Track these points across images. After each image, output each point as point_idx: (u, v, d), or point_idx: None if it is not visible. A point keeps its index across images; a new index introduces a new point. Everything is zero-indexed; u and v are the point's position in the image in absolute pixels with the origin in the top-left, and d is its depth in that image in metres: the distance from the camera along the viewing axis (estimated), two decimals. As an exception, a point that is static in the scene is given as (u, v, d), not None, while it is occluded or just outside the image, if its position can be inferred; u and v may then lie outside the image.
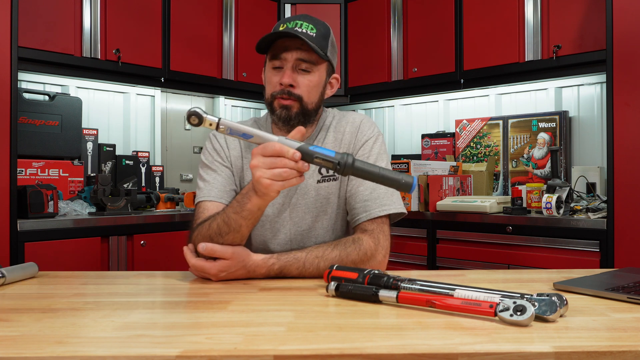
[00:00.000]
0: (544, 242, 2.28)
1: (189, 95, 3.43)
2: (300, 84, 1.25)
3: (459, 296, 0.83)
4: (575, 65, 2.54)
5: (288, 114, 1.25)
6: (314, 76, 1.27)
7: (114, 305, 0.88)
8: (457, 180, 2.79)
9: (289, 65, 1.24)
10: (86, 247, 2.27)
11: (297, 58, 1.24)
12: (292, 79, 1.24)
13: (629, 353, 0.65)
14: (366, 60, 3.35)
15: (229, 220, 1.07)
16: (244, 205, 1.04)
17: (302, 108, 1.26)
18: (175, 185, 3.32)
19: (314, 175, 1.31)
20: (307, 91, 1.26)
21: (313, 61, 1.25)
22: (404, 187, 0.95)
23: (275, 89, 1.26)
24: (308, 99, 1.26)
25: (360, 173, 0.96)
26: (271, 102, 1.27)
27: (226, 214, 1.08)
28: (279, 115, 1.26)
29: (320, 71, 1.28)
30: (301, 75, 1.25)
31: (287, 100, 1.25)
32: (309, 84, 1.26)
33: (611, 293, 0.92)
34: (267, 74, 1.29)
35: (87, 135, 2.82)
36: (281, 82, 1.24)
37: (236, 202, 1.07)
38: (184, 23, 2.98)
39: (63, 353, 0.64)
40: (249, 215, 1.05)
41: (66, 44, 2.51)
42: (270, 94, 1.27)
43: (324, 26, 1.29)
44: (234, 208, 1.07)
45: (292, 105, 1.25)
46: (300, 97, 1.25)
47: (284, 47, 1.24)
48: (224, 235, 1.08)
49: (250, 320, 0.79)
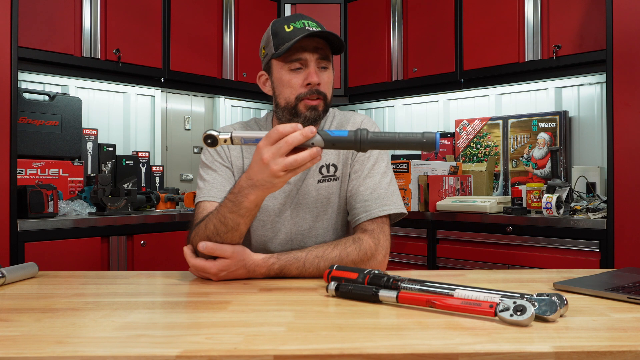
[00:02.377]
0: (544, 242, 2.28)
1: (189, 95, 3.43)
2: (323, 82, 1.26)
3: (459, 296, 0.83)
4: (575, 65, 2.54)
5: (317, 114, 1.25)
6: (330, 72, 1.28)
7: (114, 305, 0.88)
8: (457, 180, 2.79)
9: (312, 65, 1.24)
10: (86, 247, 2.27)
11: (318, 57, 1.24)
12: (320, 78, 1.24)
13: (629, 353, 0.65)
14: (366, 60, 3.35)
15: (225, 220, 1.06)
16: (241, 204, 1.04)
17: (325, 105, 1.27)
18: (175, 185, 3.32)
19: (315, 175, 1.31)
20: (328, 88, 1.28)
21: (329, 58, 1.27)
22: (428, 145, 0.89)
23: (300, 91, 1.24)
24: (329, 95, 1.28)
25: (379, 144, 0.92)
26: (295, 105, 1.25)
27: (221, 214, 1.07)
28: (307, 117, 1.25)
29: (332, 67, 1.30)
30: (322, 73, 1.26)
31: (315, 100, 1.25)
32: (329, 81, 1.28)
33: (611, 293, 0.92)
34: (285, 77, 1.25)
35: (87, 135, 2.82)
36: (310, 82, 1.23)
37: (230, 202, 1.05)
38: (184, 23, 2.98)
39: (63, 353, 0.64)
40: (246, 213, 1.05)
41: (66, 44, 2.51)
42: (295, 97, 1.25)
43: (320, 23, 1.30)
44: (229, 207, 1.06)
45: (318, 105, 1.25)
46: (325, 95, 1.26)
47: (302, 48, 1.22)
48: (222, 235, 1.08)
49: (250, 320, 0.79)
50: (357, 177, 1.30)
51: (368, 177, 1.29)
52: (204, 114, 3.53)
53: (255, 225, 1.32)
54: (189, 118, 3.44)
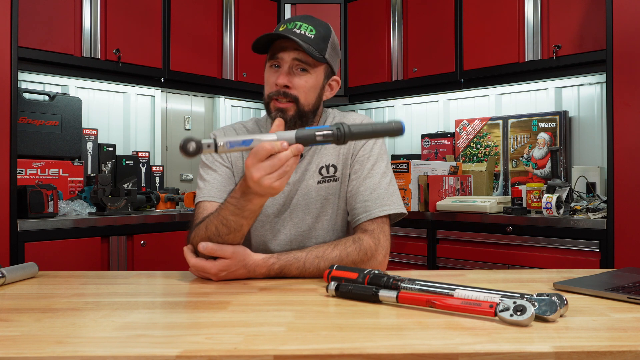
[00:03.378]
0: (544, 242, 2.28)
1: (189, 95, 3.43)
2: (296, 85, 1.23)
3: (459, 296, 0.83)
4: (575, 65, 2.54)
5: (283, 117, 1.23)
6: (311, 77, 1.25)
7: (114, 305, 0.88)
8: (457, 180, 2.79)
9: (285, 66, 1.23)
10: (86, 247, 2.27)
11: (294, 58, 1.23)
12: (288, 80, 1.23)
13: (629, 353, 0.65)
14: (366, 60, 3.35)
15: (227, 222, 1.06)
16: (245, 206, 1.03)
17: (298, 110, 1.24)
18: (175, 185, 3.32)
19: (315, 176, 1.31)
20: (304, 92, 1.24)
21: (310, 62, 1.24)
22: (396, 131, 0.99)
23: (271, 90, 1.25)
24: (305, 100, 1.25)
25: (357, 135, 0.98)
26: (268, 103, 1.27)
27: (222, 216, 1.07)
28: (274, 117, 1.24)
29: (317, 73, 1.26)
30: (298, 76, 1.24)
31: (282, 103, 1.23)
32: (305, 85, 1.24)
33: (611, 293, 0.92)
34: (266, 74, 1.28)
35: (87, 135, 2.82)
36: (277, 83, 1.23)
37: (232, 205, 1.05)
38: (184, 23, 2.98)
39: (63, 353, 0.64)
40: (250, 215, 1.05)
41: (66, 44, 2.51)
42: (267, 95, 1.26)
43: (325, 28, 1.27)
44: (231, 210, 1.05)
45: (287, 108, 1.23)
46: (297, 98, 1.24)
47: (282, 47, 1.23)
48: (224, 236, 1.08)
49: (250, 320, 0.79)
50: (357, 178, 1.29)
51: (368, 178, 1.28)
52: (204, 114, 3.53)
53: (255, 226, 1.32)
54: (189, 118, 3.44)
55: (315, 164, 1.32)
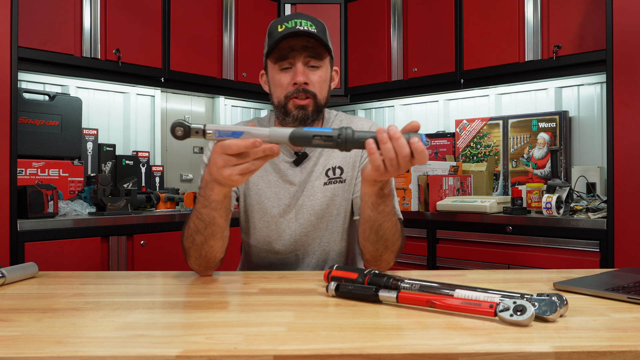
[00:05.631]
0: (544, 242, 2.28)
1: (189, 95, 3.43)
2: (312, 81, 1.26)
3: (459, 296, 0.83)
4: (575, 65, 2.54)
5: (305, 113, 1.26)
6: (323, 71, 1.28)
7: (114, 305, 0.88)
8: (457, 180, 2.79)
9: (299, 65, 1.24)
10: (86, 247, 2.27)
11: (306, 56, 1.25)
12: (306, 77, 1.24)
13: (629, 353, 0.65)
14: (366, 60, 3.34)
15: (201, 216, 1.07)
16: (209, 197, 1.03)
17: (316, 105, 1.27)
18: (175, 185, 3.32)
19: (321, 177, 1.32)
20: (319, 87, 1.27)
21: (319, 57, 1.27)
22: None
23: (288, 90, 1.26)
24: (320, 94, 1.28)
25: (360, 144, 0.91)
26: (285, 104, 1.26)
27: (197, 210, 1.08)
28: (296, 116, 1.25)
29: (326, 65, 1.30)
30: (311, 72, 1.26)
31: (303, 100, 1.25)
32: (320, 80, 1.27)
33: (611, 293, 0.92)
34: (276, 77, 1.28)
35: (87, 135, 2.82)
36: (296, 82, 1.24)
37: (201, 197, 1.06)
38: (184, 23, 2.98)
39: (63, 353, 0.64)
40: (217, 206, 1.05)
41: (66, 44, 2.51)
42: (284, 96, 1.26)
43: (320, 22, 1.30)
44: (202, 203, 1.06)
45: (308, 105, 1.26)
46: (315, 94, 1.26)
47: (290, 48, 1.24)
48: (202, 231, 1.09)
49: (250, 320, 0.79)
50: None
51: None
52: (204, 114, 3.53)
53: (259, 226, 1.33)
54: (189, 118, 3.44)
55: (321, 166, 1.32)
